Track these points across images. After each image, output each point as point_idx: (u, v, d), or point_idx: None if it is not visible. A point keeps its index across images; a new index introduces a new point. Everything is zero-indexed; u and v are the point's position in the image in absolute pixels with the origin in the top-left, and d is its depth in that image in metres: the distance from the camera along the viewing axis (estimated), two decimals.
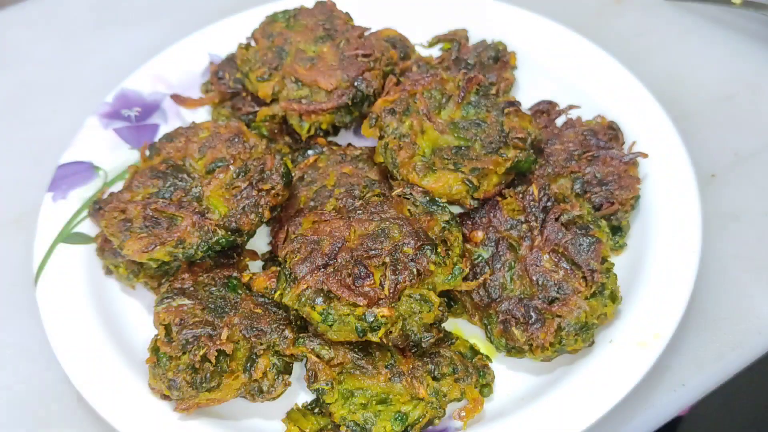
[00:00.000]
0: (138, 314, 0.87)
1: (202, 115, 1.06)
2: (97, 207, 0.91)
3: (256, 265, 0.89)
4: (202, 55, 1.10)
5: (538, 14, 1.10)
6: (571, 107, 0.98)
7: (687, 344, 0.83)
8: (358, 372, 0.73)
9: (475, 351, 0.78)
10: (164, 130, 1.03)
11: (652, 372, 0.75)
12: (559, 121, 0.98)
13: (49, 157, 1.04)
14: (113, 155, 0.99)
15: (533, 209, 0.82)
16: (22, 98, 1.18)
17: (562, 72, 1.05)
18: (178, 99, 1.05)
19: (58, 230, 0.90)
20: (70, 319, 0.83)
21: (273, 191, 0.82)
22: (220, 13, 1.15)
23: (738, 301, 0.87)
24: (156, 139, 1.02)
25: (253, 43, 0.99)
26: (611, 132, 0.94)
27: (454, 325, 0.83)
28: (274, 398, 0.75)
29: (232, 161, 0.84)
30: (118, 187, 0.96)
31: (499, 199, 0.85)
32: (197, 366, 0.72)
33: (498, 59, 1.06)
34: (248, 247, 0.88)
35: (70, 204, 0.93)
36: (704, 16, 1.19)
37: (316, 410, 0.76)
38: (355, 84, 0.92)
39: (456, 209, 0.90)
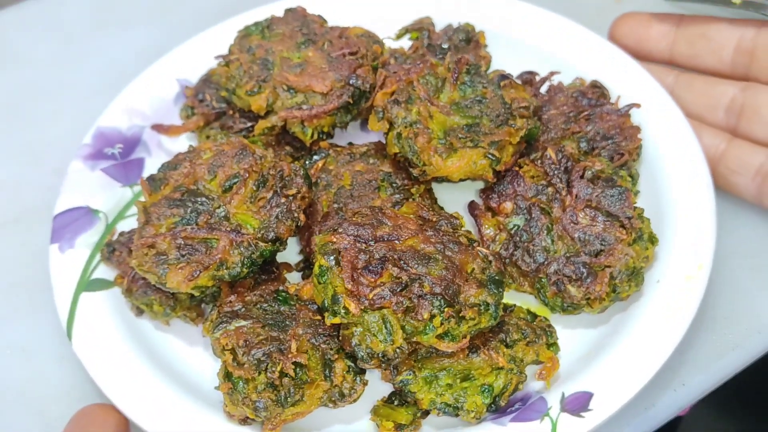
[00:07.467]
0: (179, 348, 0.84)
1: (183, 142, 1.03)
2: (110, 249, 0.88)
3: (291, 277, 0.87)
4: (170, 81, 1.07)
5: None
6: (552, 74, 1.01)
7: (687, 344, 0.83)
8: (434, 354, 0.73)
9: (534, 315, 0.80)
10: (150, 162, 1.00)
11: None
12: (543, 90, 1.01)
13: (49, 158, 1.07)
14: (107, 195, 0.95)
15: (555, 171, 0.85)
16: (22, 99, 1.16)
17: (531, 44, 1.07)
18: (161, 128, 1.02)
19: (75, 280, 0.85)
20: (117, 366, 0.79)
21: (299, 194, 0.81)
22: (221, 13, 1.12)
23: (738, 301, 0.88)
24: (143, 173, 0.99)
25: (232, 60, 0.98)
26: (597, 90, 0.98)
27: None
28: (354, 401, 0.74)
29: (246, 175, 0.82)
30: (121, 226, 0.92)
31: (516, 168, 0.87)
32: (276, 383, 0.70)
33: (470, 40, 1.08)
34: (278, 260, 0.87)
35: (79, 252, 0.88)
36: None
37: (396, 402, 0.76)
38: (351, 82, 0.92)
39: (474, 191, 0.92)
